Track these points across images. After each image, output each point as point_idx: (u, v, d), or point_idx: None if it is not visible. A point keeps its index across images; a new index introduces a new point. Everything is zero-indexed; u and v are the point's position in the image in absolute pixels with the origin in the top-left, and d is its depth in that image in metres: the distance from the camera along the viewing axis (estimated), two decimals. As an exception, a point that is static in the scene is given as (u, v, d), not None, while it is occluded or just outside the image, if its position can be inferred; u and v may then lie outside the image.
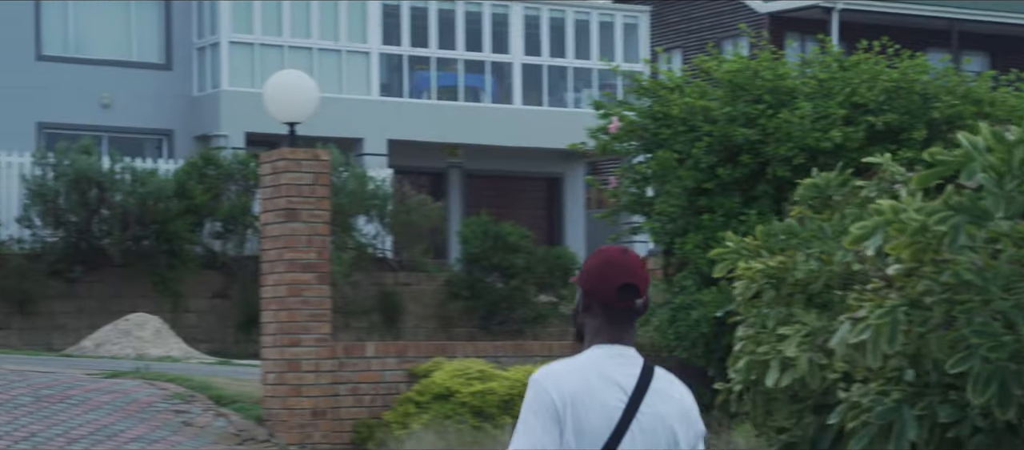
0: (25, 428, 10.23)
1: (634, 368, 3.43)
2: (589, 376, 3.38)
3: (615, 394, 3.37)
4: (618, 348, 3.44)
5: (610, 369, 3.40)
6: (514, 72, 27.87)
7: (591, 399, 3.35)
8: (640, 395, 3.39)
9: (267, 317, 10.99)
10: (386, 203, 21.31)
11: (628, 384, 3.40)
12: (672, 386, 3.55)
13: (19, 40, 24.64)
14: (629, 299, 3.42)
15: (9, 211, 19.99)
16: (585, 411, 3.34)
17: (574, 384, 3.36)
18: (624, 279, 3.42)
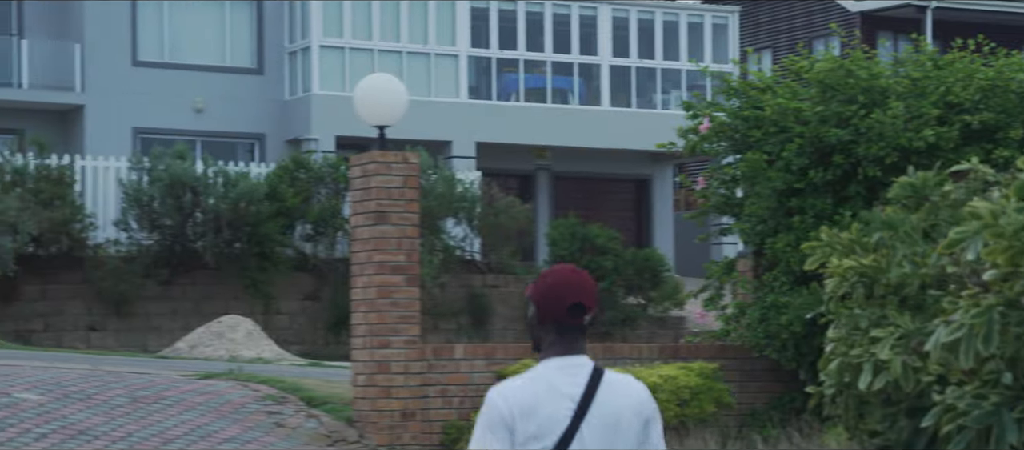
0: (122, 428, 10.41)
1: (583, 377, 3.69)
2: (538, 389, 3.67)
3: (564, 405, 3.66)
4: (569, 358, 3.72)
5: (559, 381, 3.68)
6: (602, 73, 27.81)
7: (540, 411, 3.65)
8: (587, 403, 3.66)
9: (357, 319, 11.07)
10: (474, 205, 21.36)
11: (576, 393, 3.68)
12: (622, 387, 3.75)
13: (116, 47, 25.10)
14: (578, 317, 3.72)
15: (106, 214, 20.35)
16: (535, 422, 3.64)
17: (524, 398, 3.65)
18: (574, 299, 3.72)
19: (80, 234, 19.10)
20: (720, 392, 11.83)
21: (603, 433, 3.67)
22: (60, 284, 19.05)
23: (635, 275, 21.21)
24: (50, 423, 10.23)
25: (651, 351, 12.19)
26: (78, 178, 20.12)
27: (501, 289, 21.81)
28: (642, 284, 21.36)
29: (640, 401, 3.76)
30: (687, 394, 11.55)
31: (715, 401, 11.77)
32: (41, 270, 18.93)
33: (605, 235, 21.06)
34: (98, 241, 19.80)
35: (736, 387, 12.18)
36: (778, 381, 12.35)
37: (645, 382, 12.08)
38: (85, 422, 10.34)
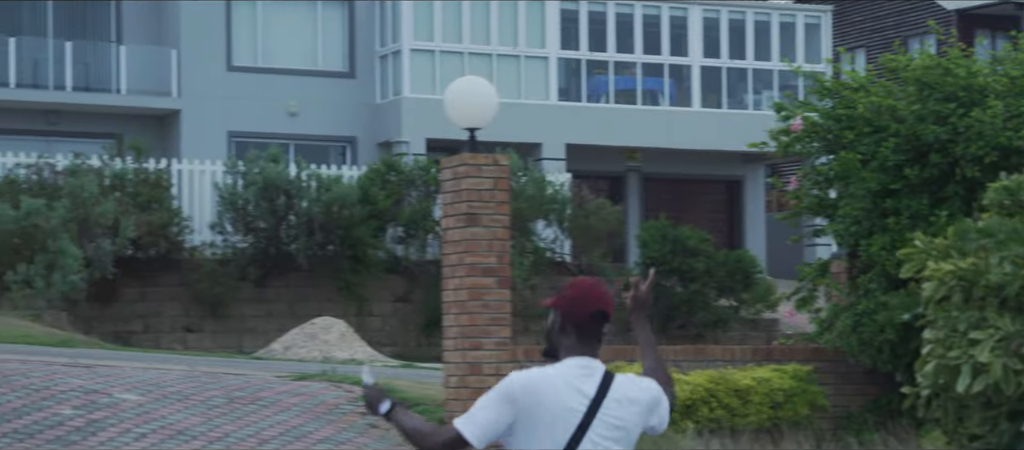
0: (219, 429, 10.55)
1: (597, 378, 4.14)
2: (557, 383, 4.10)
3: (577, 399, 4.09)
4: (586, 360, 4.16)
5: (576, 379, 4.12)
6: (693, 74, 27.66)
7: (555, 401, 4.07)
8: (599, 400, 4.11)
9: (448, 321, 11.12)
10: (565, 207, 21.35)
11: (590, 391, 4.11)
12: (631, 390, 4.20)
13: (211, 52, 25.48)
14: (599, 323, 4.20)
15: (202, 217, 20.65)
16: (548, 410, 4.06)
17: (542, 387, 4.08)
18: (597, 307, 4.19)
19: (177, 237, 19.39)
20: (814, 395, 11.70)
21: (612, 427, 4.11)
22: (158, 286, 19.37)
23: (727, 277, 21.05)
24: (149, 423, 10.40)
25: (743, 353, 12.10)
26: (175, 182, 20.44)
27: (592, 291, 21.78)
28: (734, 286, 21.19)
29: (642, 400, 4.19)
30: (781, 397, 11.44)
31: (809, 404, 11.65)
32: (140, 272, 19.25)
33: (696, 237, 20.93)
34: (194, 244, 20.09)
35: (831, 389, 12.05)
36: (874, 384, 12.19)
37: (738, 385, 11.93)
38: (183, 422, 10.50)
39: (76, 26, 25.68)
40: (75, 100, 24.98)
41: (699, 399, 11.15)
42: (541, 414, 4.06)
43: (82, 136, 24.93)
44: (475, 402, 4.11)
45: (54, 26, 25.47)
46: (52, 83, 25.05)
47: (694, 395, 11.13)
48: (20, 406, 10.31)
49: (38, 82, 25.04)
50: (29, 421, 10.04)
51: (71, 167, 19.02)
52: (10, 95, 24.65)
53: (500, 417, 4.09)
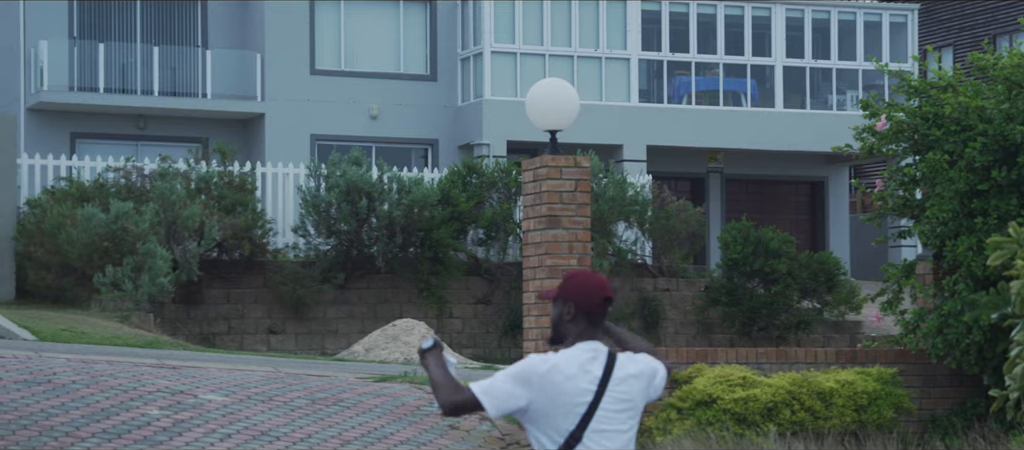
0: (302, 430, 10.65)
1: (602, 360, 4.63)
2: (572, 369, 4.58)
3: (588, 379, 4.59)
4: (593, 344, 4.66)
5: (586, 362, 4.61)
6: (776, 75, 27.44)
7: (571, 387, 4.56)
8: (606, 380, 4.61)
9: (529, 323, 11.13)
10: (645, 209, 21.27)
11: (598, 372, 4.61)
12: (632, 367, 4.70)
13: (295, 56, 25.75)
14: (606, 308, 4.68)
15: (285, 220, 20.85)
16: (564, 395, 4.54)
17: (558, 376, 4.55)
18: (605, 294, 4.67)
19: (261, 239, 19.60)
20: (899, 397, 11.55)
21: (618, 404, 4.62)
22: (242, 288, 19.59)
23: (809, 278, 20.85)
24: (234, 424, 10.52)
25: (827, 356, 11.97)
26: (259, 185, 20.66)
27: (673, 293, 21.68)
28: (817, 288, 20.98)
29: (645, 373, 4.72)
30: (865, 400, 11.31)
31: (894, 407, 11.50)
32: (224, 274, 19.49)
33: (779, 238, 20.75)
34: (277, 246, 20.29)
35: (916, 392, 11.89)
36: (961, 386, 12.01)
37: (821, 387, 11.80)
38: (267, 423, 10.61)
39: (163, 31, 26.07)
40: (162, 104, 25.37)
41: (781, 402, 11.05)
42: (558, 399, 4.53)
43: (169, 140, 25.31)
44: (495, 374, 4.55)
45: (142, 32, 25.88)
46: (140, 88, 25.45)
47: (776, 398, 11.04)
48: (108, 406, 10.48)
49: (127, 87, 25.46)
50: (117, 421, 10.20)
51: (159, 171, 19.30)
52: (99, 100, 25.09)
53: (516, 396, 4.52)
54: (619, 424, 4.60)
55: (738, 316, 20.92)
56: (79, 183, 19.23)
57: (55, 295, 17.95)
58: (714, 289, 21.14)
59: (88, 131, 25.31)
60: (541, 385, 4.51)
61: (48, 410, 10.21)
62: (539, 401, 4.50)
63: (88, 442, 9.75)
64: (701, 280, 21.85)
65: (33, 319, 15.67)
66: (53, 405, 10.32)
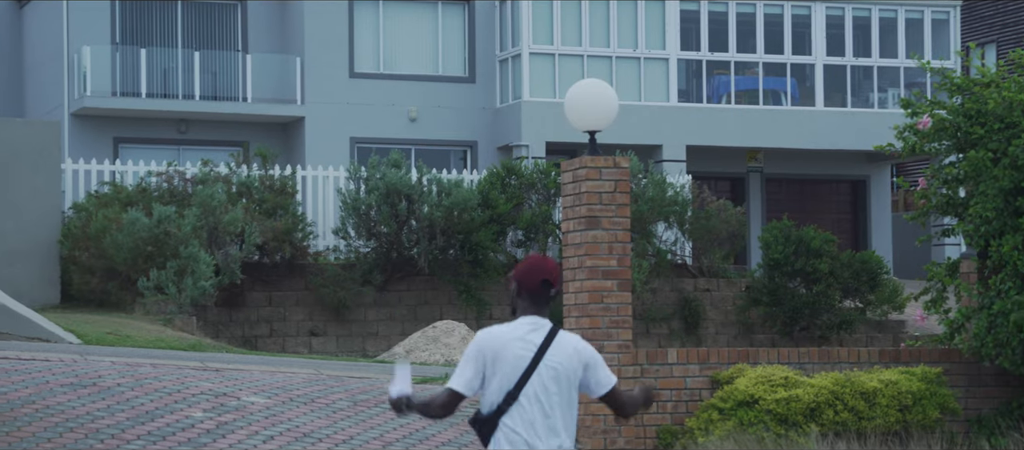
0: (344, 432, 10.69)
1: (544, 331, 5.34)
2: (511, 338, 5.33)
3: (526, 349, 5.30)
4: (535, 318, 5.38)
5: (527, 333, 5.34)
6: (816, 73, 27.32)
7: (508, 352, 5.30)
8: (544, 350, 5.30)
9: (569, 324, 11.13)
10: (685, 209, 21.22)
11: (537, 341, 5.32)
12: (570, 342, 5.39)
13: (334, 59, 25.86)
14: (547, 290, 5.37)
15: (326, 222, 20.94)
16: (503, 360, 5.29)
17: (498, 342, 5.32)
18: (544, 276, 5.36)
19: (301, 242, 19.68)
20: (944, 398, 11.48)
21: (554, 370, 5.31)
22: (283, 291, 19.69)
23: (851, 278, 20.74)
24: (276, 425, 10.58)
25: (870, 355, 11.91)
26: (299, 188, 20.76)
27: (713, 293, 21.62)
28: (859, 287, 20.86)
29: (580, 351, 5.39)
30: (909, 400, 11.24)
31: (939, 407, 11.42)
32: (266, 277, 19.59)
33: (820, 238, 20.64)
34: (318, 249, 20.38)
35: (961, 392, 11.80)
36: (1006, 386, 11.92)
37: (864, 387, 11.74)
38: (309, 425, 10.66)
39: (204, 36, 26.24)
40: (203, 109, 25.53)
41: (824, 402, 11.00)
42: (499, 363, 5.29)
43: (210, 144, 25.47)
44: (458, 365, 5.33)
45: (183, 36, 26.05)
46: (181, 92, 25.63)
47: (819, 398, 10.99)
48: (153, 409, 10.56)
49: (168, 92, 25.64)
50: (161, 424, 10.28)
51: (200, 175, 19.42)
52: (142, 105, 25.28)
53: (476, 369, 5.32)
54: (553, 388, 5.29)
55: (779, 316, 20.83)
56: (122, 188, 19.37)
57: (99, 299, 18.09)
58: (755, 289, 21.06)
59: (131, 136, 25.50)
60: (486, 354, 5.30)
61: (94, 413, 10.30)
62: (489, 367, 5.30)
63: (133, 444, 9.83)
64: (742, 280, 21.77)
65: (78, 323, 15.81)
66: (99, 408, 10.41)
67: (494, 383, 5.28)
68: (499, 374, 5.27)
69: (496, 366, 5.28)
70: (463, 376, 5.32)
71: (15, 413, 10.06)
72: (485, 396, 5.31)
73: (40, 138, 18.45)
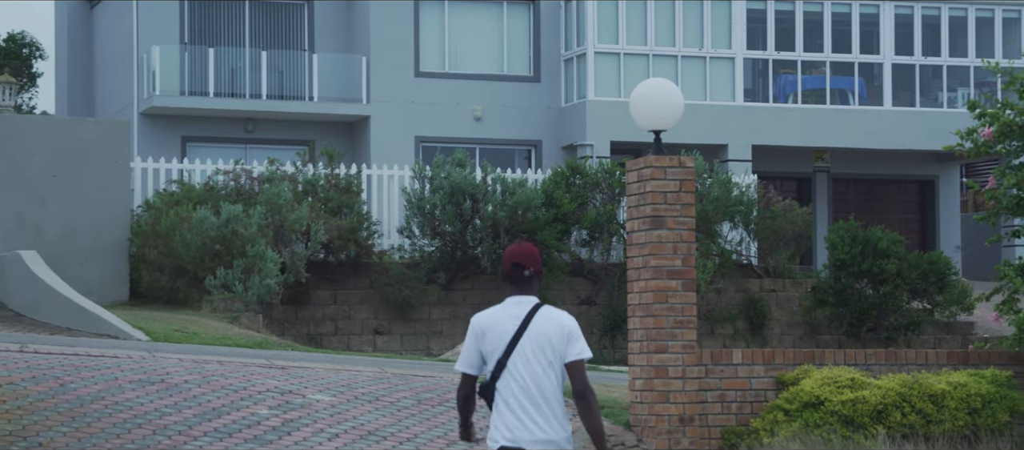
0: (408, 430, 10.73)
1: (527, 307, 6.17)
2: (499, 315, 6.19)
3: (512, 323, 6.13)
4: (520, 297, 6.20)
5: (512, 309, 6.19)
6: (884, 72, 27.06)
7: (497, 328, 6.15)
8: (527, 322, 6.12)
9: (633, 324, 11.10)
10: (751, 209, 21.09)
11: (521, 315, 6.14)
12: (552, 316, 6.19)
13: (400, 59, 25.97)
14: (520, 272, 6.18)
15: (391, 222, 21.04)
16: (493, 335, 6.14)
17: (488, 321, 6.19)
18: (514, 260, 6.19)
19: (366, 241, 19.78)
20: (1015, 401, 11.32)
21: (535, 340, 6.11)
22: (348, 289, 19.80)
23: (919, 279, 20.51)
24: (341, 423, 10.64)
25: (938, 357, 11.77)
26: (364, 187, 20.86)
27: (779, 293, 21.47)
28: (927, 288, 20.63)
29: (561, 324, 6.16)
30: (978, 402, 11.10)
31: (1009, 410, 11.27)
32: (331, 276, 19.71)
33: (888, 238, 20.43)
34: (383, 248, 20.47)
35: (1032, 396, 11.62)
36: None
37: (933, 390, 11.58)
38: (374, 423, 10.72)
39: (271, 35, 26.45)
40: (270, 108, 25.74)
41: (891, 404, 10.89)
42: (489, 338, 6.14)
43: (277, 143, 25.67)
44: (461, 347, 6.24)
45: (250, 36, 26.28)
46: (248, 91, 25.85)
47: (886, 400, 10.88)
48: (219, 406, 10.66)
49: (236, 91, 25.87)
50: (228, 421, 10.37)
51: (267, 174, 19.57)
52: (209, 104, 25.53)
53: (473, 348, 6.17)
54: (539, 355, 6.10)
55: (846, 317, 20.64)
56: (190, 186, 19.57)
57: (167, 296, 18.29)
58: (821, 290, 20.89)
59: (198, 135, 25.77)
60: (477, 333, 6.16)
61: (161, 409, 10.42)
62: (483, 343, 6.14)
63: (200, 441, 9.93)
64: (808, 281, 21.60)
65: (146, 320, 16.00)
66: (166, 404, 10.53)
67: (489, 356, 6.13)
68: (491, 347, 6.12)
69: (487, 341, 6.13)
70: (465, 358, 6.18)
71: (85, 409, 10.19)
72: (486, 368, 6.16)
73: (110, 137, 18.69)
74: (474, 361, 6.15)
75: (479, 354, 6.14)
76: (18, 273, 17.05)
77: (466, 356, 6.16)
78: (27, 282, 16.84)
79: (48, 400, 10.27)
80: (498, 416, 6.12)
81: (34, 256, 17.17)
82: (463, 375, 6.17)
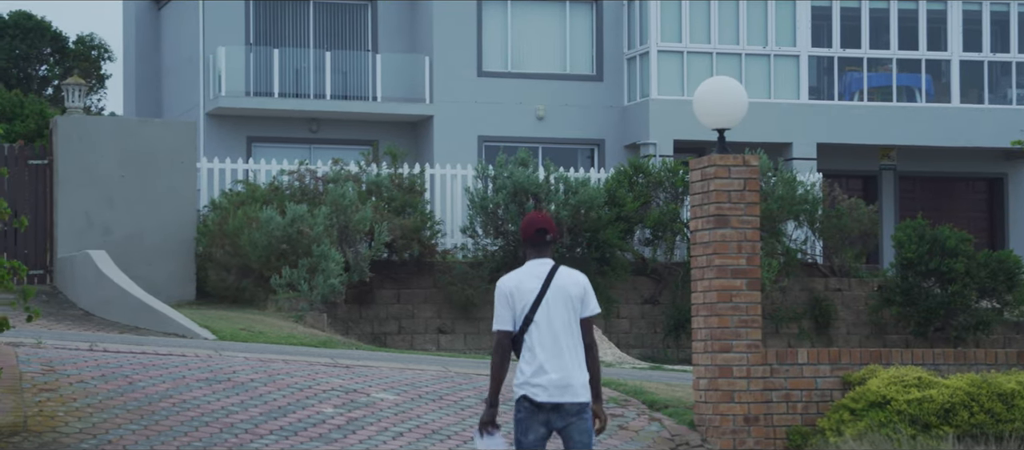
0: (472, 429, 10.74)
1: (548, 267, 7.08)
2: (523, 276, 7.10)
3: (536, 282, 7.07)
4: (539, 260, 7.12)
5: (535, 270, 7.11)
6: (952, 70, 26.76)
7: (523, 287, 7.08)
8: (548, 281, 7.06)
9: (697, 323, 11.05)
10: (816, 207, 20.93)
11: (543, 274, 7.08)
12: (570, 274, 7.14)
13: (462, 58, 26.04)
14: (542, 236, 7.13)
15: (454, 221, 21.09)
16: (520, 294, 7.06)
17: (514, 282, 7.09)
18: (537, 226, 7.12)
19: (430, 241, 19.85)
20: (1085, 402, 11.14)
21: (557, 296, 7.05)
22: (412, 288, 19.87)
23: (988, 278, 20.25)
24: (405, 422, 10.69)
25: (1007, 357, 11.62)
26: (427, 186, 20.93)
27: (844, 292, 21.29)
28: (996, 287, 20.37)
29: (579, 281, 7.13)
30: (1048, 404, 10.94)
31: (1080, 412, 11.09)
32: (394, 275, 19.80)
33: (956, 237, 20.20)
34: (446, 247, 20.53)
35: (1103, 397, 11.43)
36: None
37: (1002, 389, 11.44)
38: (438, 422, 10.75)
39: (335, 36, 26.62)
40: (334, 108, 25.90)
41: (959, 403, 10.77)
42: (518, 297, 7.05)
43: (340, 143, 25.84)
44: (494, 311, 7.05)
45: (315, 37, 26.47)
46: (313, 92, 26.03)
47: (953, 399, 10.76)
48: (285, 404, 10.75)
49: (300, 91, 26.07)
50: (293, 419, 10.45)
51: (331, 174, 19.69)
52: (274, 104, 25.74)
53: (507, 308, 7.05)
54: (560, 309, 7.03)
55: (913, 316, 20.43)
56: (255, 186, 19.74)
57: (233, 296, 18.45)
58: (888, 289, 20.68)
59: (263, 135, 25.99)
60: (507, 294, 7.05)
61: (228, 407, 10.52)
62: (513, 302, 7.03)
63: (266, 439, 10.01)
64: (874, 280, 21.40)
65: (213, 319, 16.15)
66: (233, 403, 10.63)
67: (517, 312, 7.02)
68: (519, 305, 7.03)
69: (516, 300, 7.03)
70: (501, 317, 7.05)
71: (153, 407, 10.31)
72: (515, 327, 7.03)
73: (177, 138, 18.88)
74: (509, 319, 7.02)
75: (512, 312, 7.00)
76: (87, 273, 17.29)
77: (502, 316, 7.02)
78: (96, 282, 17.07)
79: (117, 398, 10.40)
80: (525, 362, 7.03)
81: (103, 256, 17.39)
82: (502, 332, 7.00)
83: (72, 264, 17.78)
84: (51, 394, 10.35)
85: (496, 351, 7.01)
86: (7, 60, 36.03)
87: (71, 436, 9.59)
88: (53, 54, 37.91)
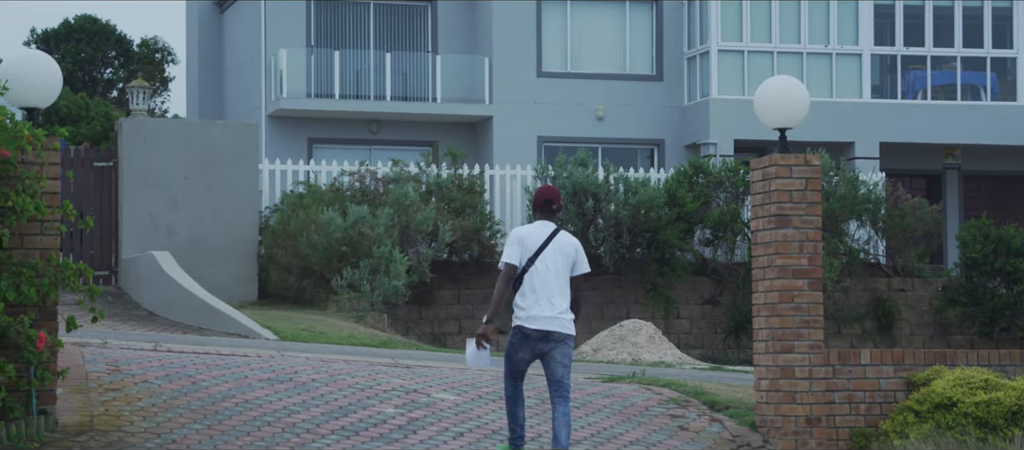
0: (531, 429, 10.75)
1: (550, 228, 9.23)
2: (533, 229, 9.24)
3: (542, 235, 9.19)
4: (544, 222, 9.28)
5: (542, 228, 9.24)
6: (1018, 68, 26.43)
7: (532, 236, 9.19)
8: (552, 237, 9.19)
9: (759, 323, 10.98)
10: (878, 207, 20.74)
11: (547, 233, 9.21)
12: (568, 237, 9.26)
13: (522, 59, 26.06)
14: (549, 205, 9.33)
15: (513, 221, 21.10)
16: (529, 241, 9.17)
17: (525, 232, 9.22)
18: (546, 197, 9.33)
19: (489, 241, 19.88)
20: None
21: (557, 251, 9.17)
22: (471, 289, 19.91)
23: (1056, 278, 19.97)
24: (466, 422, 10.71)
25: (1075, 360, 11.44)
26: (487, 187, 20.97)
27: (908, 293, 21.07)
28: (1064, 288, 20.08)
29: (574, 244, 9.23)
30: (1117, 406, 10.76)
31: None
32: (454, 275, 19.84)
33: (1021, 236, 19.94)
34: (505, 247, 20.55)
35: None
36: None
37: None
38: (498, 422, 10.77)
39: (395, 37, 26.74)
40: (394, 109, 26.01)
41: (1026, 407, 10.62)
42: (526, 243, 9.15)
43: (400, 144, 25.95)
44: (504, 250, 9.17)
45: (375, 38, 26.59)
46: (373, 93, 26.16)
47: (1021, 401, 10.62)
48: (346, 404, 10.80)
49: (360, 93, 26.20)
50: (354, 419, 10.51)
51: (392, 175, 19.77)
52: (335, 106, 25.89)
53: (517, 247, 9.13)
54: (558, 260, 9.16)
55: (978, 317, 20.19)
56: (316, 187, 19.86)
57: (294, 296, 18.58)
58: (952, 289, 20.46)
59: (324, 136, 26.15)
60: (521, 237, 9.16)
61: (290, 407, 10.59)
62: (522, 246, 9.14)
63: (327, 439, 10.07)
64: (938, 280, 21.17)
65: (274, 319, 16.27)
66: (294, 402, 10.70)
67: (523, 254, 9.10)
68: (526, 249, 9.12)
69: (524, 245, 9.12)
70: (511, 254, 9.12)
71: (216, 407, 10.41)
72: (520, 264, 9.09)
73: (240, 139, 19.04)
74: (517, 256, 9.11)
75: (519, 252, 9.09)
76: (151, 273, 17.47)
77: (511, 253, 9.12)
78: (160, 282, 17.24)
79: (181, 398, 10.50)
80: (521, 298, 9.12)
81: (167, 257, 17.57)
82: (509, 264, 9.11)
83: (136, 265, 17.97)
84: (116, 394, 10.47)
85: (501, 279, 9.08)
86: (73, 63, 36.52)
87: (136, 435, 9.70)
88: (118, 57, 38.38)
